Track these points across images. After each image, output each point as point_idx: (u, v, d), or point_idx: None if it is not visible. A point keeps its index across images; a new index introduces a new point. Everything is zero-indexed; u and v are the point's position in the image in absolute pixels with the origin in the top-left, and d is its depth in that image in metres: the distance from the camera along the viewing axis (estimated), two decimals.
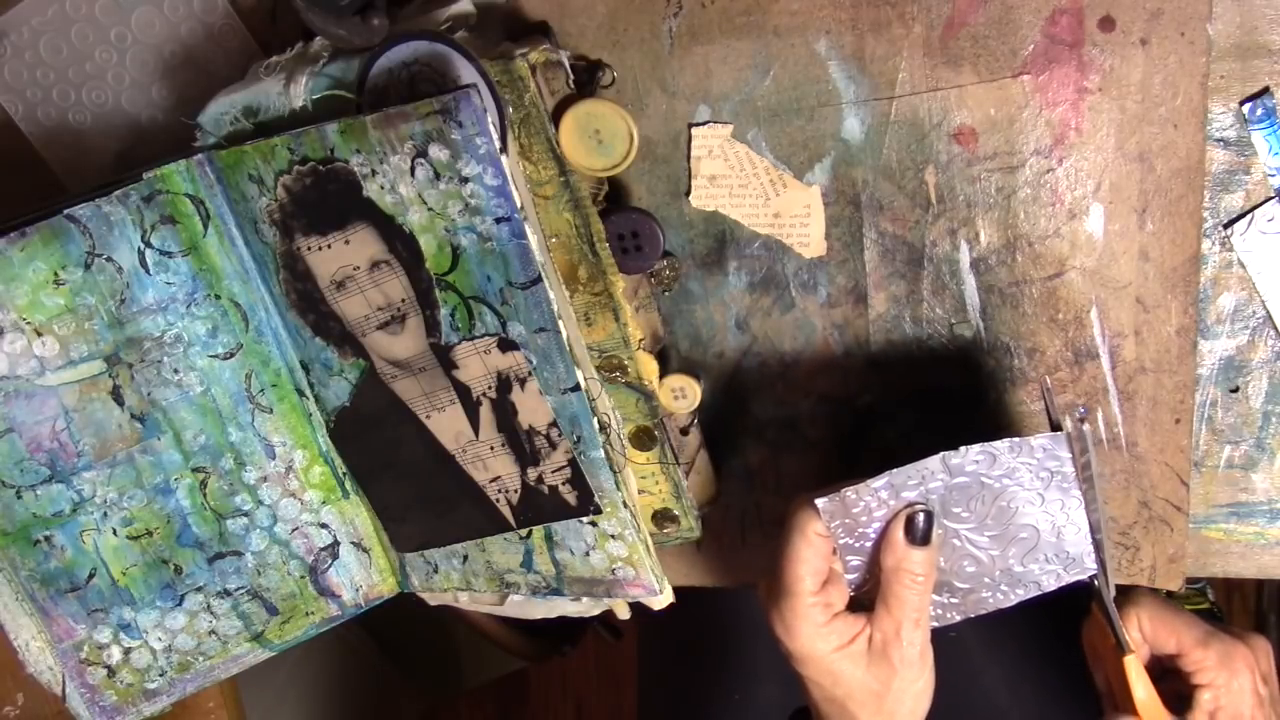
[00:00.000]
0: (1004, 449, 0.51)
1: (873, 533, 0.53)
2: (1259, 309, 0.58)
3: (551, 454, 0.55)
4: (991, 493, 0.52)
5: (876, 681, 0.53)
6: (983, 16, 0.53)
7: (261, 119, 0.54)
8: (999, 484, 0.52)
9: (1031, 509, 0.53)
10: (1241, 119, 0.56)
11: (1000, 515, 0.53)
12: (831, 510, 0.52)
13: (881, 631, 0.53)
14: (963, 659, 0.76)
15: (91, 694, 0.61)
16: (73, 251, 0.54)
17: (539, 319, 0.51)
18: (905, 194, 0.57)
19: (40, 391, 0.56)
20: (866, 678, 0.53)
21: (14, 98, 0.64)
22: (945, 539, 0.54)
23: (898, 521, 0.52)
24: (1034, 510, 0.53)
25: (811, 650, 0.53)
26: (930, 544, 0.53)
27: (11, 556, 0.58)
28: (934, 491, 0.52)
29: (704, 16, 0.55)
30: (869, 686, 0.54)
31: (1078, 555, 0.54)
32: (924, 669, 0.54)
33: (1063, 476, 0.51)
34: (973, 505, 0.53)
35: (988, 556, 0.54)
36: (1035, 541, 0.54)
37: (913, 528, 0.52)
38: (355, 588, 0.64)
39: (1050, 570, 0.54)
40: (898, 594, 0.52)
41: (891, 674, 0.53)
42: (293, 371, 0.59)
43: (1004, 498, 0.52)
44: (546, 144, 0.52)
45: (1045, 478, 0.52)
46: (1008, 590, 0.56)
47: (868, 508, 0.52)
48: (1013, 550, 0.54)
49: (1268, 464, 0.61)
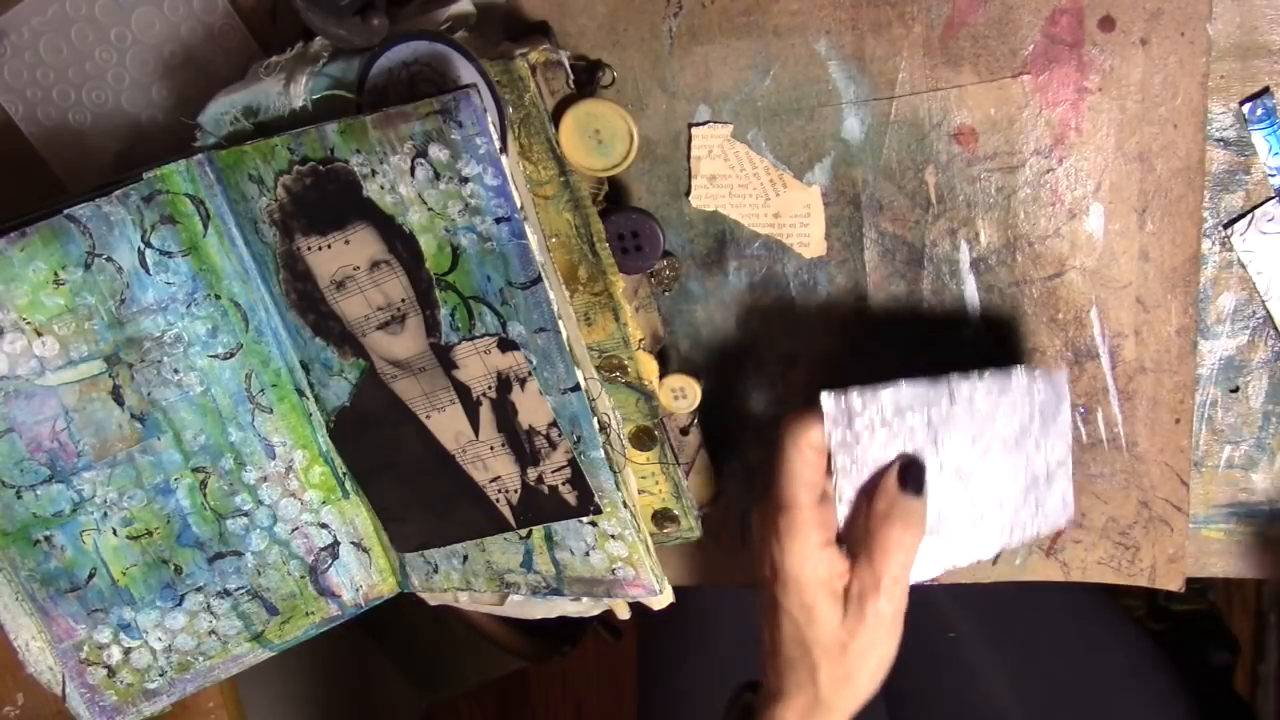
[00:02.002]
0: (1011, 382, 0.50)
1: (867, 465, 0.51)
2: (1259, 309, 0.58)
3: (551, 454, 0.55)
4: (989, 428, 0.52)
5: (846, 632, 0.51)
6: (983, 16, 0.53)
7: (261, 119, 0.54)
8: (997, 420, 0.51)
9: (1023, 450, 0.52)
10: (1241, 119, 0.56)
11: (992, 453, 0.52)
12: (835, 413, 0.50)
13: (861, 582, 0.51)
14: (962, 658, 0.76)
15: (91, 694, 0.61)
16: (73, 251, 0.54)
17: (539, 319, 0.51)
18: (905, 194, 0.57)
19: (40, 391, 0.56)
20: (839, 628, 0.51)
21: (14, 98, 0.64)
22: (938, 476, 0.52)
23: (893, 467, 0.51)
24: (1024, 452, 0.52)
25: (801, 573, 0.51)
26: (922, 496, 0.51)
27: (11, 556, 0.58)
28: (935, 419, 0.51)
29: (704, 16, 0.55)
30: (838, 637, 0.51)
31: (1059, 502, 0.54)
32: (893, 634, 0.52)
33: (1056, 417, 0.51)
34: (970, 440, 0.52)
35: (976, 498, 0.53)
36: (1022, 484, 0.53)
37: (909, 475, 0.50)
38: (355, 588, 0.64)
39: (1032, 517, 0.54)
40: (884, 544, 0.50)
41: (860, 628, 0.51)
42: (293, 371, 0.59)
43: (999, 435, 0.52)
44: (546, 144, 0.52)
45: (1041, 418, 0.51)
46: (990, 536, 0.54)
47: (870, 424, 0.50)
48: (1000, 492, 0.53)
49: (1268, 464, 0.61)
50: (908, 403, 0.50)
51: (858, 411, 0.50)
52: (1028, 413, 0.51)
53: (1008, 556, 0.62)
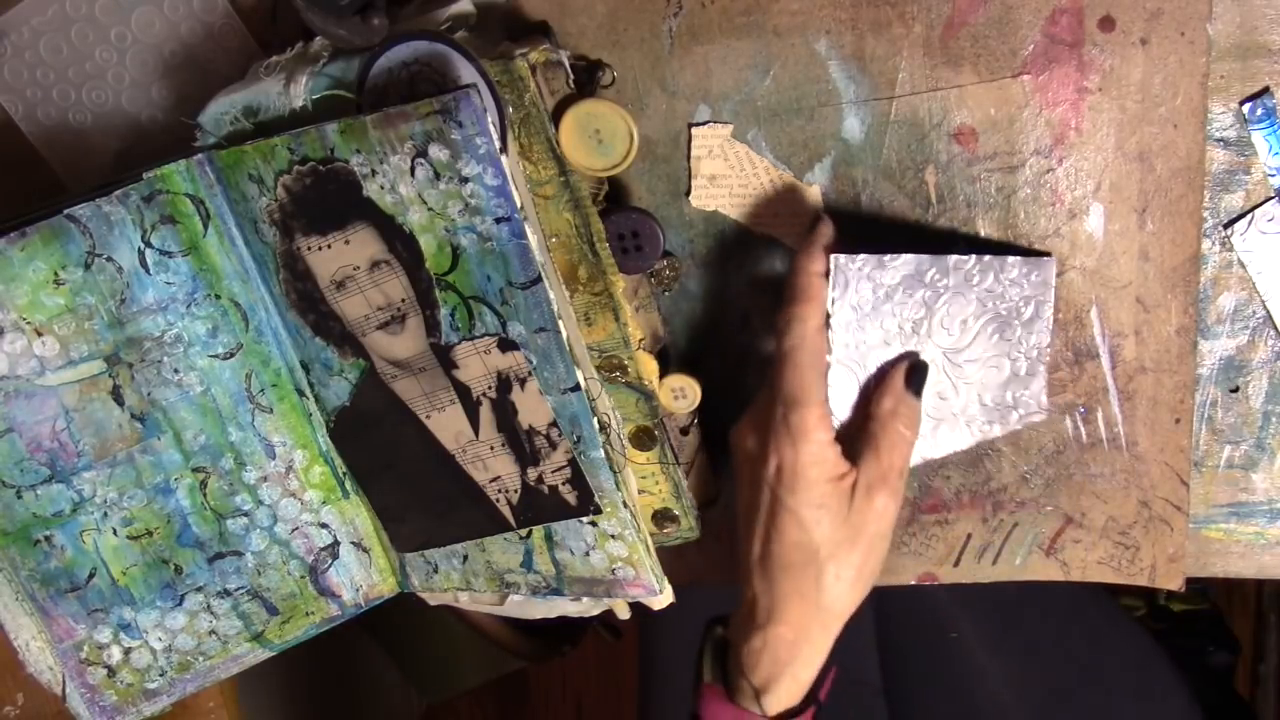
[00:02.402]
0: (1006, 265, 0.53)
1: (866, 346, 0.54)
2: (1259, 309, 0.58)
3: (551, 454, 0.55)
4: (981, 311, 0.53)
5: (852, 528, 0.51)
6: (983, 16, 0.53)
7: (261, 119, 0.54)
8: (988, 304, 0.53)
9: (1007, 340, 0.54)
10: (1241, 119, 0.56)
11: (979, 342, 0.54)
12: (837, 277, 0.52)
13: (868, 476, 0.51)
14: (965, 658, 0.76)
15: (91, 694, 0.61)
16: (73, 251, 0.54)
17: (539, 319, 0.51)
18: (905, 194, 0.57)
19: (40, 391, 0.56)
20: (845, 524, 0.51)
21: (14, 98, 0.64)
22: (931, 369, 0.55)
23: (901, 366, 0.52)
24: (1009, 341, 0.54)
25: (813, 472, 0.51)
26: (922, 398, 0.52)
27: (11, 556, 0.58)
28: (930, 300, 0.53)
29: (704, 16, 0.55)
30: (846, 533, 0.52)
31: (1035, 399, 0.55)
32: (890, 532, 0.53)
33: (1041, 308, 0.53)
34: (960, 325, 0.54)
35: (961, 385, 0.55)
36: (1004, 376, 0.55)
37: (913, 376, 0.52)
38: (355, 588, 0.64)
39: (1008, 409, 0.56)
40: (891, 440, 0.51)
41: (869, 520, 0.51)
42: (293, 371, 0.59)
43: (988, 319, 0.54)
44: (546, 144, 0.52)
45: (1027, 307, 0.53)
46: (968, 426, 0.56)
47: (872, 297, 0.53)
48: (982, 383, 0.55)
49: (1268, 464, 0.61)
50: (909, 273, 0.52)
51: (863, 275, 0.52)
52: (1016, 299, 0.53)
53: (1007, 556, 0.62)
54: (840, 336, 0.53)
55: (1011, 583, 0.63)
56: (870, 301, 0.53)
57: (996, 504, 0.62)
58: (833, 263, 0.53)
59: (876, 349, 0.54)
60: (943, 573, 0.63)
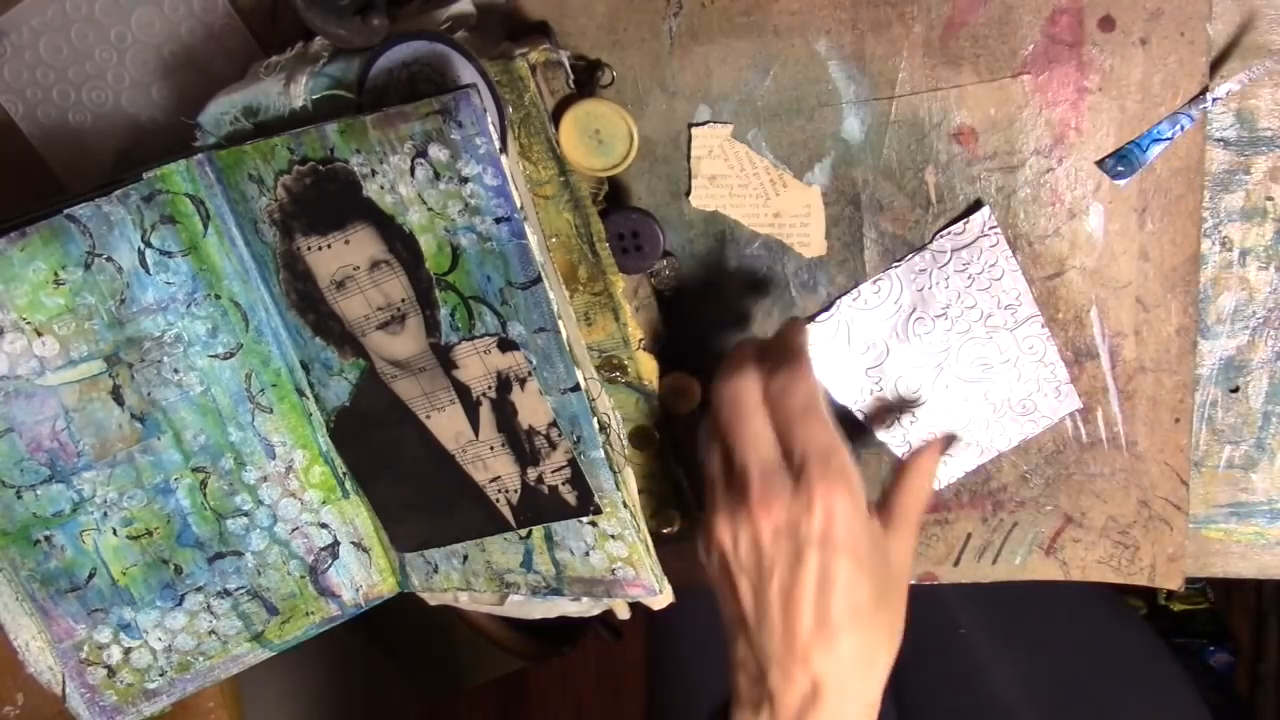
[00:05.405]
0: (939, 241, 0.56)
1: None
2: (1259, 309, 0.58)
3: (551, 454, 0.55)
4: (960, 290, 0.57)
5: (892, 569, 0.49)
6: (983, 16, 0.53)
7: (261, 119, 0.54)
8: (959, 283, 0.57)
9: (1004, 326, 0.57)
10: (1242, 119, 0.56)
11: (978, 335, 0.57)
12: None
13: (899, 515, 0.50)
14: (971, 655, 0.76)
15: (91, 694, 0.61)
16: (73, 251, 0.54)
17: (539, 319, 0.51)
18: (905, 194, 0.57)
19: (40, 391, 0.56)
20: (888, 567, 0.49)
21: (14, 98, 0.64)
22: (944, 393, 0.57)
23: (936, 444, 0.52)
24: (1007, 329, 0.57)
25: (865, 509, 0.47)
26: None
27: (11, 556, 0.58)
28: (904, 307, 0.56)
29: (704, 16, 0.55)
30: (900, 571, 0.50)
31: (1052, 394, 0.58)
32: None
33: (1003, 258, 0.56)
34: (931, 321, 0.56)
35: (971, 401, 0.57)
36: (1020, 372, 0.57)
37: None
38: (355, 588, 0.64)
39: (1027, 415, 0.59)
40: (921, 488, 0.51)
41: (905, 562, 0.50)
42: (293, 371, 0.59)
43: (971, 295, 0.56)
44: (546, 144, 0.52)
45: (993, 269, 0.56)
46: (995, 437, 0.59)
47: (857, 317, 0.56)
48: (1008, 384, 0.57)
49: (1268, 464, 0.61)
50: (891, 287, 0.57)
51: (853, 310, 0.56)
52: (983, 264, 0.56)
53: (1007, 556, 0.62)
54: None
55: (1019, 580, 0.63)
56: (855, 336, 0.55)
57: (996, 503, 0.62)
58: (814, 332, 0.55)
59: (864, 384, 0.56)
60: (943, 572, 0.64)
